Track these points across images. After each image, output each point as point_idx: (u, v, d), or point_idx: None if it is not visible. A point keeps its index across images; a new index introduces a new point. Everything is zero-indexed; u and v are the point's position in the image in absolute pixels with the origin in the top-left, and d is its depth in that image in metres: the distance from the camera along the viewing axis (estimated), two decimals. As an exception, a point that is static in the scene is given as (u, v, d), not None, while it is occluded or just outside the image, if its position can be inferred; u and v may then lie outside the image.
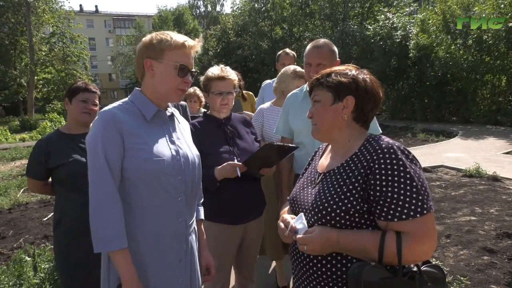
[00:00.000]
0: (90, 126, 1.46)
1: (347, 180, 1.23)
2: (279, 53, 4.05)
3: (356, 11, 24.27)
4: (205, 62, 27.09)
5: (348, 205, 1.18)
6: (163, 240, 1.47)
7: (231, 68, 2.31)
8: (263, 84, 4.11)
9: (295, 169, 2.53)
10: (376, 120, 2.36)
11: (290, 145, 2.17)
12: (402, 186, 1.12)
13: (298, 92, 2.54)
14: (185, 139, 1.62)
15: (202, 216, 1.81)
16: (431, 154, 9.08)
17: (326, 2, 23.97)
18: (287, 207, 1.52)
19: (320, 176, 1.37)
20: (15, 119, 26.17)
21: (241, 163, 2.06)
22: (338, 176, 1.27)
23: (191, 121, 2.31)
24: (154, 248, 1.45)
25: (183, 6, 46.10)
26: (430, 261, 1.20)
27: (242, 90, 4.24)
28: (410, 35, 17.45)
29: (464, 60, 14.85)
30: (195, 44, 1.52)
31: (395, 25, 18.30)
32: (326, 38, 2.61)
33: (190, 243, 1.58)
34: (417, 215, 1.11)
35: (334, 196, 1.22)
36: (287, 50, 4.04)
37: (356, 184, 1.19)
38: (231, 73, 2.25)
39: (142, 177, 1.41)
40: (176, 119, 1.64)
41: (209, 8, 48.70)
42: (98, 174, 1.37)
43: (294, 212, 1.41)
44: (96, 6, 55.27)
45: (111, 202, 1.36)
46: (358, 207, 1.18)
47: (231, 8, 32.93)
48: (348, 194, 1.20)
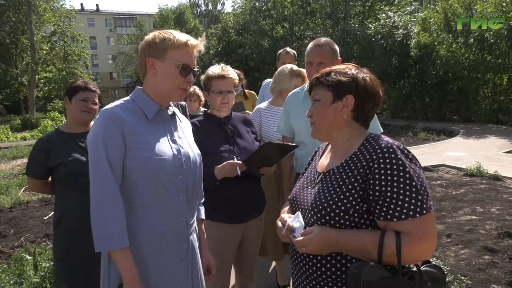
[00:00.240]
0: (91, 124, 1.46)
1: (347, 180, 1.22)
2: (280, 52, 4.05)
3: (357, 10, 24.22)
4: (206, 61, 27.05)
5: (348, 205, 1.18)
6: (164, 239, 1.47)
7: (232, 67, 2.30)
8: (263, 83, 4.10)
9: (296, 168, 2.52)
10: (377, 119, 2.36)
11: (290, 144, 2.17)
12: (401, 185, 1.12)
13: (299, 91, 2.53)
14: (186, 138, 1.62)
15: (203, 215, 1.81)
16: (432, 153, 9.07)
17: (327, 0, 23.91)
18: (287, 207, 1.52)
19: (319, 176, 1.37)
20: (16, 118, 26.21)
21: (241, 162, 2.06)
22: (338, 176, 1.27)
23: (191, 120, 2.31)
24: (155, 248, 1.45)
25: (184, 5, 46.10)
26: (430, 261, 1.20)
27: (244, 89, 4.24)
28: (411, 34, 17.41)
29: (466, 59, 14.82)
30: (198, 44, 1.51)
31: (396, 23, 18.27)
32: (327, 37, 2.60)
33: (191, 242, 1.58)
34: (416, 215, 1.10)
35: (334, 196, 1.22)
36: (287, 49, 4.03)
37: (355, 184, 1.19)
38: (231, 72, 2.25)
39: (143, 176, 1.40)
40: (177, 118, 1.64)
41: (210, 7, 48.69)
42: (99, 173, 1.36)
43: (294, 212, 1.41)
44: (97, 5, 55.18)
45: (112, 201, 1.36)
46: (357, 207, 1.18)
47: (232, 6, 32.91)
48: (347, 194, 1.19)
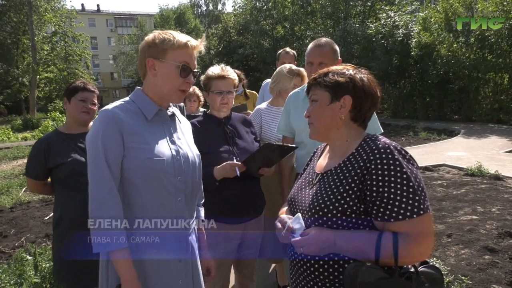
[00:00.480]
0: (90, 125, 1.46)
1: (344, 181, 1.22)
2: (279, 52, 4.05)
3: (357, 10, 24.18)
4: (206, 61, 27.06)
5: (345, 205, 1.18)
6: (163, 240, 1.47)
7: (232, 67, 2.30)
8: (263, 83, 4.10)
9: (296, 168, 2.52)
10: (377, 119, 2.35)
11: (290, 145, 2.16)
12: (398, 186, 1.12)
13: (300, 91, 2.53)
14: (185, 139, 1.62)
15: (203, 216, 1.80)
16: (433, 153, 9.06)
17: (328, 0, 23.89)
18: (285, 207, 1.52)
19: (317, 177, 1.36)
20: (17, 118, 26.23)
21: (240, 162, 2.06)
22: (335, 177, 1.27)
23: (191, 120, 2.31)
24: (153, 248, 1.45)
25: (184, 5, 46.14)
26: (428, 261, 1.20)
27: (245, 89, 4.24)
28: (412, 34, 17.39)
29: (466, 58, 14.80)
30: (198, 44, 1.50)
31: (397, 23, 18.24)
32: (328, 37, 2.60)
33: (190, 243, 1.57)
34: (413, 216, 1.10)
35: (331, 196, 1.22)
36: (287, 49, 4.03)
37: (352, 185, 1.19)
38: (231, 72, 2.25)
39: (142, 176, 1.41)
40: (177, 119, 1.64)
41: (210, 7, 48.70)
42: (98, 173, 1.36)
43: (292, 212, 1.41)
44: (98, 5, 55.19)
45: (111, 201, 1.36)
46: (354, 208, 1.18)
47: (232, 6, 33.02)
48: (344, 195, 1.19)
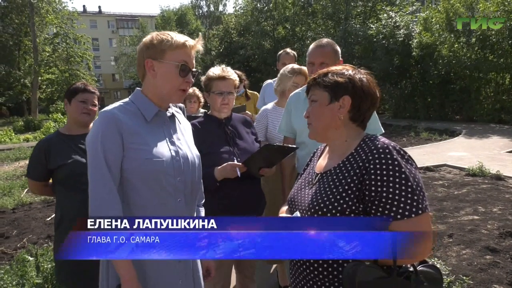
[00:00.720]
0: (90, 126, 1.47)
1: (343, 181, 1.23)
2: (280, 52, 4.06)
3: (358, 10, 24.17)
4: (207, 62, 27.09)
5: (344, 205, 1.19)
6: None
7: (233, 68, 2.31)
8: (264, 84, 4.11)
9: (297, 168, 2.52)
10: (378, 119, 2.36)
11: (290, 145, 2.17)
12: (397, 186, 1.12)
13: (301, 92, 2.53)
14: (185, 140, 1.62)
15: None
16: (434, 153, 9.06)
17: (329, 1, 23.89)
18: (285, 207, 1.52)
19: (317, 177, 1.37)
20: (19, 119, 26.32)
21: (241, 163, 2.06)
22: (335, 177, 1.27)
23: (191, 121, 2.32)
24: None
25: (185, 6, 46.14)
26: (427, 261, 1.20)
27: (247, 89, 4.25)
28: (413, 34, 17.37)
29: (468, 58, 14.78)
30: (196, 44, 1.52)
31: (397, 24, 18.22)
32: (329, 37, 2.60)
33: (190, 243, 1.58)
34: (412, 215, 1.10)
35: (330, 196, 1.22)
36: (287, 49, 4.04)
37: (351, 185, 1.19)
38: (232, 73, 2.26)
39: (141, 177, 1.41)
40: (177, 120, 1.64)
41: (211, 8, 48.69)
42: (97, 173, 1.37)
43: (292, 212, 1.41)
44: (99, 7, 55.43)
45: (110, 202, 1.36)
46: (353, 208, 1.18)
47: (233, 8, 32.97)
48: (344, 195, 1.20)
